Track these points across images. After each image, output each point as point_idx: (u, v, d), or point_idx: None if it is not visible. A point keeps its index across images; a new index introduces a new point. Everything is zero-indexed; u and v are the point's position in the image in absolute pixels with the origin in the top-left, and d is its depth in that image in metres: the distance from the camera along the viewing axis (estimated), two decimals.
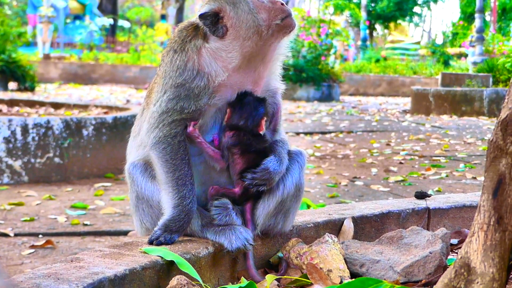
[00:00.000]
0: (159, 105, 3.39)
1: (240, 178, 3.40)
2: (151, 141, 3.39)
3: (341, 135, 13.74)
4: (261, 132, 3.45)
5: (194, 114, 3.37)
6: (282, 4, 3.42)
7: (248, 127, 3.42)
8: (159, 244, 3.24)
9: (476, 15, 28.80)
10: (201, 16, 3.38)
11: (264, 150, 3.44)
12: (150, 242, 3.27)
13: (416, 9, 65.64)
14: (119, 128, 8.84)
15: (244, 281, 3.14)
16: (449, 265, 3.31)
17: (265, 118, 3.47)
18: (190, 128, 3.37)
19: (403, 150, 11.32)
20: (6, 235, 5.89)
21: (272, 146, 3.49)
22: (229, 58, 3.37)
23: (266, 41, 3.40)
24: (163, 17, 57.56)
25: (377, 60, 43.54)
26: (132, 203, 3.55)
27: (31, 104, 12.10)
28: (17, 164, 8.15)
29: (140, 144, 3.56)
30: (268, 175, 3.37)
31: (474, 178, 8.66)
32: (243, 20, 3.36)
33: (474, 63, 27.93)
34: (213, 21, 3.37)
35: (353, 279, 2.99)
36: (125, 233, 5.96)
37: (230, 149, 3.41)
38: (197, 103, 3.35)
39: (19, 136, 8.13)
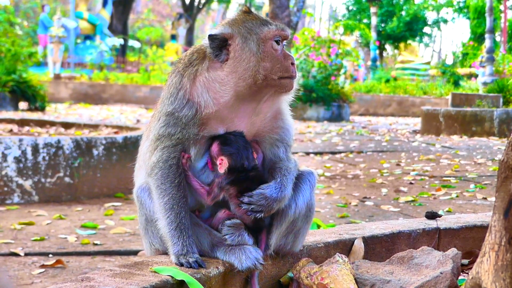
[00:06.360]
0: (154, 133, 3.41)
1: (239, 204, 3.37)
2: (148, 168, 3.43)
3: (351, 155, 13.72)
4: (256, 162, 3.45)
5: (184, 142, 3.34)
6: (292, 64, 3.31)
7: (250, 164, 3.40)
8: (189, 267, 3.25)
9: (486, 35, 28.87)
10: (210, 37, 3.30)
11: (260, 176, 3.43)
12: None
13: (426, 29, 65.76)
14: (129, 148, 8.85)
15: None
16: (460, 286, 3.30)
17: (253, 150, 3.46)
18: (183, 161, 3.38)
19: (413, 170, 11.28)
20: (16, 254, 5.89)
21: (274, 173, 3.45)
22: (221, 91, 3.28)
23: (260, 90, 3.30)
24: (173, 37, 57.75)
25: (387, 80, 43.59)
26: (142, 225, 3.56)
27: (42, 124, 12.12)
28: (27, 184, 8.17)
29: (142, 169, 3.58)
30: (264, 201, 3.30)
31: (485, 198, 8.63)
32: (245, 58, 3.26)
33: (484, 84, 27.95)
34: (219, 45, 3.29)
35: None
36: (135, 252, 5.96)
37: (224, 188, 3.40)
38: (185, 131, 3.31)
39: (29, 155, 8.15)
